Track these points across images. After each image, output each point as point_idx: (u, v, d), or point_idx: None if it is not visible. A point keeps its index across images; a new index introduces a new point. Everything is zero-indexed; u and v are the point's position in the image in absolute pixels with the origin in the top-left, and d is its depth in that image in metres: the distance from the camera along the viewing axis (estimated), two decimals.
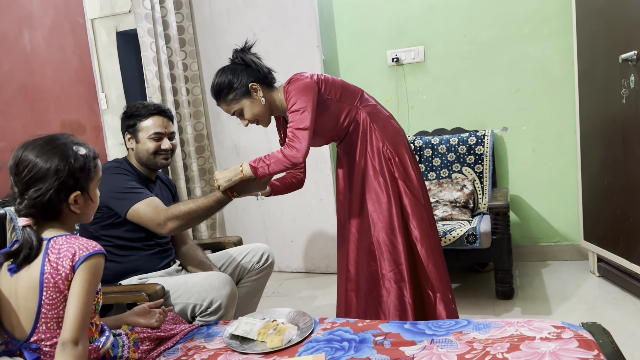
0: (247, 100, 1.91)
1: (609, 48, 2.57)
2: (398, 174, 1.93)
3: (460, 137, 3.23)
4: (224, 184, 1.82)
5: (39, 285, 1.22)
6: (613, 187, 2.64)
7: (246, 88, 1.90)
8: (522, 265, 3.24)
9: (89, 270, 1.22)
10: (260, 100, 1.92)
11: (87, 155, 1.31)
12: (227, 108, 1.95)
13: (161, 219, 1.84)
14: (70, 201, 1.28)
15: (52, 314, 1.23)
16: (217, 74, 1.94)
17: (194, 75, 3.47)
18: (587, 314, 2.49)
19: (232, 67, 1.94)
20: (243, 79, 1.90)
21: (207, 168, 3.57)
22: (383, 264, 1.91)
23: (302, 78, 1.88)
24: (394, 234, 1.90)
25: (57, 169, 1.24)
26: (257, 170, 1.78)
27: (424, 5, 3.31)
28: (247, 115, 1.94)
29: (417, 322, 1.47)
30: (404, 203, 1.93)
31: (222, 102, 1.94)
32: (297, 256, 3.55)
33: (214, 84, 1.93)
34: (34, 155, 1.25)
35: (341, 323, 1.51)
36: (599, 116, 2.74)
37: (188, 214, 1.85)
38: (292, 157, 1.76)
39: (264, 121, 1.99)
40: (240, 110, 1.93)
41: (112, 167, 1.99)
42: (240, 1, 3.38)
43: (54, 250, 1.23)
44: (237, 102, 1.92)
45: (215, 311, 1.79)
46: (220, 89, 1.92)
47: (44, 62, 2.30)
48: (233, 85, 1.90)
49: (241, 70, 1.91)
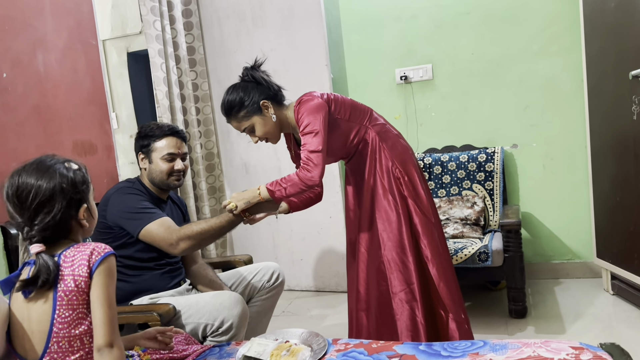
0: (258, 117, 1.91)
1: (618, 64, 2.57)
2: (407, 192, 1.92)
3: (469, 154, 3.23)
4: (241, 206, 1.83)
5: (53, 303, 1.21)
6: (626, 204, 2.62)
7: (257, 105, 1.90)
8: (534, 283, 3.21)
9: (106, 273, 1.23)
10: (271, 118, 1.92)
11: (81, 169, 1.32)
12: (238, 125, 1.94)
13: (173, 239, 1.84)
14: (81, 216, 1.29)
15: (63, 332, 1.21)
16: (228, 91, 1.94)
17: (204, 94, 3.50)
18: (602, 333, 2.45)
19: (242, 84, 1.94)
20: (254, 96, 1.90)
21: (217, 186, 3.58)
22: (394, 282, 1.89)
23: (313, 98, 1.88)
24: (405, 253, 1.89)
25: (62, 187, 1.24)
26: (274, 194, 1.79)
27: (431, 24, 3.34)
28: (258, 133, 1.94)
29: (432, 344, 1.46)
30: (414, 222, 1.92)
31: (233, 119, 1.94)
32: (307, 274, 3.53)
33: (225, 101, 1.93)
34: (34, 179, 1.23)
35: (355, 344, 1.50)
36: (609, 132, 2.73)
37: (200, 234, 1.85)
38: (308, 180, 1.77)
39: (273, 138, 1.99)
40: (251, 127, 1.93)
41: (124, 187, 2.00)
42: (250, 22, 3.42)
43: (66, 264, 1.23)
44: (248, 119, 1.92)
45: (226, 331, 1.78)
46: (232, 106, 1.91)
47: (57, 83, 2.33)
48: (244, 103, 1.90)
49: (252, 88, 1.92)
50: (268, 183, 1.82)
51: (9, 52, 2.08)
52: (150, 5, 3.00)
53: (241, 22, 3.44)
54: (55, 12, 2.35)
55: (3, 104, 2.03)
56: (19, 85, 2.12)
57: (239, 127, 1.95)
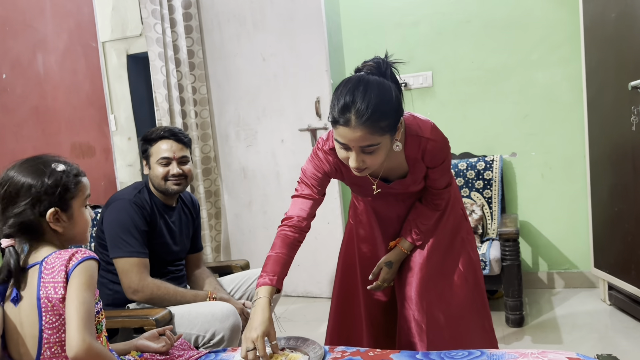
0: (390, 137, 1.42)
1: (618, 75, 2.58)
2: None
3: (468, 162, 3.23)
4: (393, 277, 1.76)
5: (37, 310, 1.20)
6: (624, 214, 2.62)
7: (398, 122, 1.43)
8: (531, 292, 3.20)
9: (83, 272, 1.20)
10: (396, 146, 1.48)
11: (65, 172, 1.28)
12: (363, 136, 1.35)
13: (137, 286, 1.83)
14: (48, 219, 1.25)
15: (54, 338, 1.20)
16: (374, 85, 1.38)
17: (202, 98, 3.50)
18: (598, 344, 2.44)
19: (392, 86, 1.42)
20: (401, 109, 1.44)
21: (213, 190, 3.57)
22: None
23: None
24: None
25: (30, 185, 1.23)
26: (417, 242, 1.73)
27: (432, 31, 3.34)
28: (378, 159, 1.43)
29: (430, 352, 1.45)
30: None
31: (367, 125, 1.34)
32: (304, 280, 3.52)
33: (373, 96, 1.34)
34: (13, 172, 1.25)
35: (352, 352, 1.49)
36: (608, 143, 2.73)
37: (161, 298, 1.85)
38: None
39: (370, 170, 1.48)
40: (375, 148, 1.39)
41: (125, 202, 1.91)
42: (250, 26, 3.42)
43: (47, 271, 1.21)
44: (382, 135, 1.37)
45: (217, 343, 1.77)
46: (381, 109, 1.35)
47: (56, 85, 2.32)
48: (396, 111, 1.41)
49: (399, 96, 1.43)
50: (407, 237, 1.72)
51: (9, 53, 2.08)
52: (151, 9, 3.00)
53: (242, 26, 3.44)
54: (56, 13, 2.35)
55: (2, 105, 2.02)
56: (18, 87, 2.11)
57: (362, 139, 1.36)
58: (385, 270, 1.73)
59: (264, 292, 1.49)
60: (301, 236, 1.64)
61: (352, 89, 1.37)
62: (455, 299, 1.74)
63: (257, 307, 1.46)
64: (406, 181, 1.65)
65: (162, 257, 1.99)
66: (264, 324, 1.41)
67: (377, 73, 1.43)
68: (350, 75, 1.46)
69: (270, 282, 1.51)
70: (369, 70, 1.45)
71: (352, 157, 1.40)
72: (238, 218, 3.68)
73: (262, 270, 1.56)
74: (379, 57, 1.49)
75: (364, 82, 1.38)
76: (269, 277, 1.53)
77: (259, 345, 1.37)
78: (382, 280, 1.73)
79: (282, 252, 1.59)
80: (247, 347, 1.38)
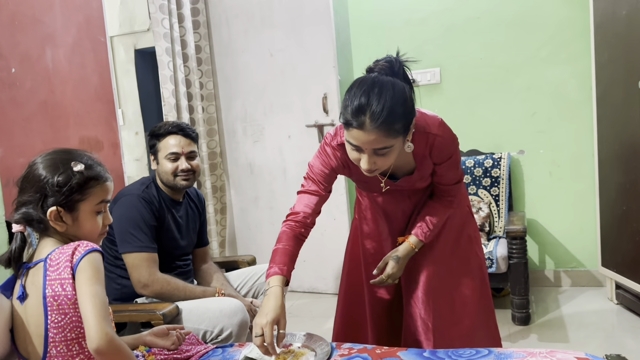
0: (402, 139, 1.42)
1: (627, 73, 2.56)
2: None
3: (476, 159, 3.21)
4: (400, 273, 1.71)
5: (43, 309, 1.20)
6: (632, 213, 2.60)
7: (411, 123, 1.42)
8: (538, 290, 3.19)
9: (89, 266, 1.18)
10: (407, 147, 1.46)
11: (81, 172, 1.25)
12: (377, 138, 1.35)
13: (148, 280, 1.84)
14: (49, 216, 1.23)
15: (59, 337, 1.20)
16: (388, 87, 1.36)
17: (209, 93, 3.50)
18: (605, 343, 2.43)
19: (406, 87, 1.41)
20: (414, 110, 1.43)
21: (219, 186, 3.58)
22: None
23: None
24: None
25: (41, 178, 1.22)
26: (426, 238, 1.70)
27: (440, 28, 3.32)
28: (390, 160, 1.43)
29: (437, 350, 1.44)
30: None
31: (382, 128, 1.33)
32: (310, 276, 3.53)
33: (388, 99, 1.33)
34: (39, 159, 1.26)
35: (359, 349, 1.49)
36: (617, 141, 2.72)
37: (170, 293, 1.87)
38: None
39: (380, 171, 1.49)
40: (388, 151, 1.39)
41: (134, 197, 1.91)
42: (258, 21, 3.41)
43: (52, 268, 1.20)
44: (395, 137, 1.37)
45: (225, 339, 1.77)
46: (396, 111, 1.34)
47: (64, 80, 2.32)
48: (410, 113, 1.40)
49: (412, 97, 1.42)
50: (416, 233, 1.68)
51: (18, 47, 2.08)
52: (159, 3, 2.99)
53: (249, 21, 3.44)
54: (65, 8, 2.35)
55: (11, 99, 2.03)
56: (27, 81, 2.12)
57: (376, 142, 1.36)
58: (391, 265, 1.68)
59: (275, 281, 1.49)
60: (306, 231, 1.64)
61: (367, 91, 1.35)
62: (462, 297, 1.74)
63: (269, 295, 1.45)
64: (413, 177, 1.64)
65: (170, 251, 2.00)
66: (275, 311, 1.41)
67: (389, 73, 1.42)
68: (363, 76, 1.45)
69: (281, 272, 1.51)
70: (381, 70, 1.44)
71: (364, 159, 1.40)
72: (244, 213, 3.69)
73: (270, 262, 1.56)
74: (391, 55, 1.46)
75: (378, 84, 1.36)
76: (279, 266, 1.53)
77: (267, 332, 1.36)
78: (386, 275, 1.68)
79: (289, 245, 1.59)
80: (256, 332, 1.38)
